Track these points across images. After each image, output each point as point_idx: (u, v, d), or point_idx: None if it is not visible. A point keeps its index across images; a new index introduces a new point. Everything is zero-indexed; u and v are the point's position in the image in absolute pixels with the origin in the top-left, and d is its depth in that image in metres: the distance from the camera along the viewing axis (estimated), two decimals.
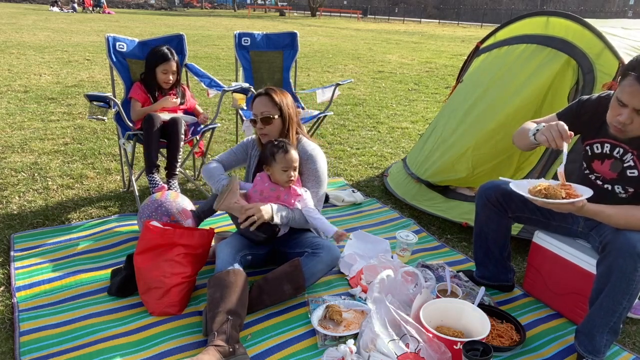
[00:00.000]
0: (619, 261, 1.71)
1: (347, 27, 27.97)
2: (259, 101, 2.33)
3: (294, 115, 2.37)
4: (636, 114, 1.70)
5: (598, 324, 1.83)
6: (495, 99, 3.11)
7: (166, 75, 3.15)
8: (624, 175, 1.89)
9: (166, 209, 2.43)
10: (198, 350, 1.87)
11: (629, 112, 1.71)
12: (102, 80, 7.61)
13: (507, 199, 2.16)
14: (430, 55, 13.68)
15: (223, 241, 2.24)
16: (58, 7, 29.32)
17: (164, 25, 20.87)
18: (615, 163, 1.91)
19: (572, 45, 2.84)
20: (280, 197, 2.27)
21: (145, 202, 2.52)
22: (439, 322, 1.99)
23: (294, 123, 2.37)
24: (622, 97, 1.71)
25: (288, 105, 2.34)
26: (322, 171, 2.36)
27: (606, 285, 1.77)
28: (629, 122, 1.72)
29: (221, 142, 4.71)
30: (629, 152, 1.86)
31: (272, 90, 2.35)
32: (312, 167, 2.33)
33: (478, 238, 2.32)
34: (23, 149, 4.19)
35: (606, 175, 1.95)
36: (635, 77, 1.65)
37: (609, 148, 1.92)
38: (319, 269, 2.22)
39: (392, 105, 6.82)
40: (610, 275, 1.75)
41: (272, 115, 2.30)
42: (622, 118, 1.72)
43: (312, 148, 2.36)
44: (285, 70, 4.10)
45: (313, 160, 2.33)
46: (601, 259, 1.81)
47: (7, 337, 1.94)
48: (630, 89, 1.67)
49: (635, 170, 1.85)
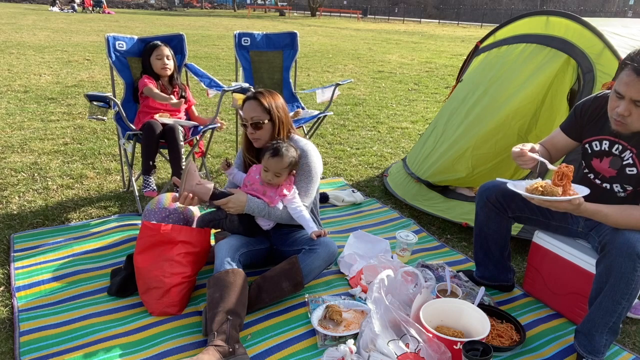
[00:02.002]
0: (618, 261, 1.71)
1: (347, 27, 27.97)
2: (248, 105, 2.29)
3: (285, 117, 2.34)
4: (634, 106, 1.70)
5: (597, 324, 1.83)
6: (495, 98, 3.11)
7: (161, 60, 3.16)
8: (623, 174, 1.89)
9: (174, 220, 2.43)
10: (198, 350, 1.87)
11: (626, 104, 1.71)
12: (102, 80, 7.61)
13: (507, 199, 2.16)
14: (430, 55, 13.68)
15: (221, 241, 2.24)
16: (58, 7, 29.31)
17: (164, 25, 20.87)
18: (615, 160, 1.91)
19: (571, 44, 2.84)
20: (267, 193, 2.27)
21: (153, 208, 2.43)
22: (438, 322, 1.99)
23: (284, 125, 2.34)
24: (619, 88, 1.72)
25: (278, 108, 2.31)
26: (314, 166, 2.34)
27: (605, 285, 1.77)
28: (627, 113, 1.72)
29: (221, 142, 4.71)
30: (627, 149, 1.86)
31: (260, 94, 2.30)
32: (303, 161, 2.31)
33: (478, 238, 2.32)
34: (23, 149, 4.19)
35: (605, 174, 1.96)
36: (633, 68, 1.66)
37: (607, 145, 1.93)
38: (316, 264, 2.22)
39: (392, 105, 6.82)
40: (610, 275, 1.75)
41: (262, 120, 2.27)
42: (620, 109, 1.73)
43: (304, 143, 2.35)
44: (285, 70, 4.10)
45: (305, 154, 2.32)
46: (600, 259, 1.81)
47: (7, 337, 1.94)
48: (627, 79, 1.68)
49: (634, 168, 1.86)
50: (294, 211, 2.28)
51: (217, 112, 3.31)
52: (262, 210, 2.24)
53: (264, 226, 2.35)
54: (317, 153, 2.39)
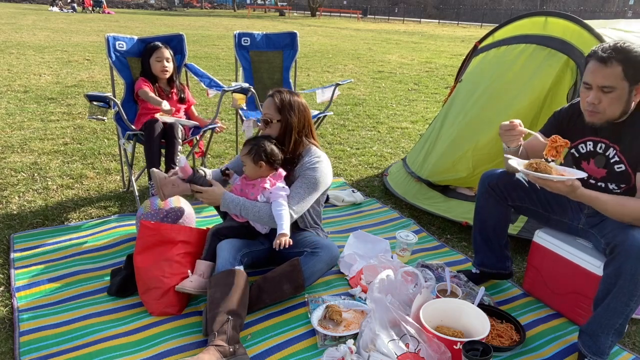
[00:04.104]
0: (628, 263, 1.71)
1: (347, 27, 27.98)
2: (266, 102, 2.31)
3: (298, 124, 2.29)
4: (602, 93, 1.79)
5: (604, 325, 1.82)
6: (495, 99, 3.11)
7: (160, 62, 3.15)
8: (612, 172, 1.93)
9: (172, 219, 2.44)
10: (198, 350, 1.87)
11: (595, 92, 1.81)
12: (102, 80, 7.61)
13: (509, 187, 2.20)
14: (430, 55, 13.68)
15: (223, 241, 2.23)
16: (57, 7, 29.30)
17: (164, 25, 20.87)
18: (599, 158, 1.96)
19: (571, 45, 2.84)
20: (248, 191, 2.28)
21: (148, 211, 2.48)
22: (438, 322, 1.99)
23: (295, 131, 2.28)
24: (586, 79, 1.83)
25: (292, 112, 2.27)
26: (319, 182, 2.27)
27: (614, 287, 1.77)
28: (597, 102, 1.81)
29: (221, 142, 4.71)
30: (610, 147, 1.92)
31: (280, 93, 2.29)
32: (310, 174, 2.26)
33: (477, 224, 2.34)
34: (23, 149, 4.19)
35: (596, 174, 2.00)
36: (596, 58, 1.78)
37: (591, 145, 1.99)
38: (318, 268, 2.22)
39: (392, 105, 6.82)
40: (619, 277, 1.74)
41: (272, 119, 2.28)
42: (590, 99, 1.82)
43: (316, 158, 2.29)
44: (285, 70, 4.10)
45: (314, 169, 2.27)
46: (609, 261, 1.80)
47: (7, 337, 1.94)
48: (592, 68, 1.80)
49: (622, 165, 1.90)
50: (275, 205, 2.18)
51: (217, 112, 3.31)
52: (237, 205, 2.21)
53: (261, 230, 2.34)
54: (327, 170, 2.32)
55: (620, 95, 1.78)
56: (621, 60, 1.73)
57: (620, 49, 1.74)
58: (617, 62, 1.73)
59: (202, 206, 3.21)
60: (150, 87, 3.14)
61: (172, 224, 2.20)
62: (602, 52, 1.76)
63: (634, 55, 1.73)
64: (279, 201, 2.20)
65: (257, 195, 2.24)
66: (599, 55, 1.77)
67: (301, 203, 2.25)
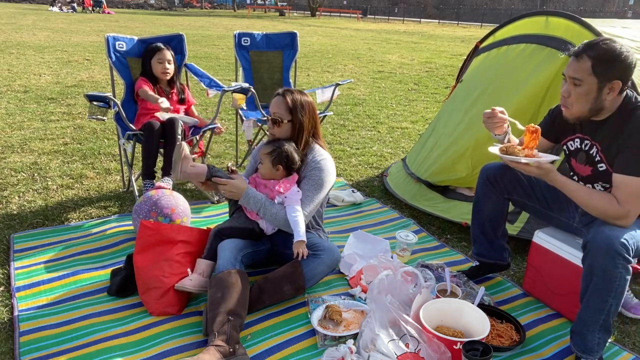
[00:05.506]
0: (598, 259, 1.74)
1: (347, 27, 27.98)
2: (274, 101, 2.29)
3: (308, 124, 2.30)
4: (573, 85, 1.82)
5: (588, 323, 1.84)
6: (495, 98, 3.10)
7: (162, 64, 3.15)
8: (596, 171, 1.96)
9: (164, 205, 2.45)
10: (198, 350, 1.87)
11: (567, 85, 1.85)
12: (102, 80, 7.61)
13: (507, 180, 2.22)
14: (430, 55, 13.68)
15: (225, 241, 2.23)
16: (57, 7, 29.30)
17: (164, 25, 20.87)
18: (581, 155, 2.00)
19: (571, 45, 2.84)
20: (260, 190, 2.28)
21: (140, 202, 2.52)
22: (438, 322, 1.99)
23: (305, 131, 2.29)
24: (563, 71, 1.88)
25: (303, 113, 2.27)
26: (326, 181, 2.30)
27: (590, 283, 1.79)
28: (567, 94, 1.85)
29: (221, 142, 4.71)
30: (594, 146, 1.94)
31: (290, 93, 2.28)
32: (317, 174, 2.28)
33: (475, 214, 2.37)
34: (23, 149, 4.19)
35: (582, 172, 2.02)
36: (573, 52, 1.83)
37: (579, 142, 2.02)
38: (319, 270, 2.22)
39: (391, 105, 6.82)
40: (593, 274, 1.77)
41: (282, 119, 2.27)
42: (562, 90, 1.88)
43: (321, 158, 2.30)
44: (285, 70, 4.10)
45: (320, 169, 2.28)
46: (583, 258, 1.83)
47: (7, 337, 1.94)
48: (569, 61, 1.85)
49: (603, 164, 1.92)
50: (291, 210, 2.21)
51: (217, 112, 3.31)
52: (258, 202, 2.20)
53: (267, 230, 2.34)
54: (332, 169, 2.34)
55: (588, 90, 1.80)
56: (591, 56, 1.76)
57: (593, 45, 1.78)
58: (587, 57, 1.77)
59: (202, 206, 3.22)
60: (151, 87, 3.14)
61: (171, 224, 2.20)
62: (578, 47, 1.82)
63: (604, 53, 1.75)
64: (295, 206, 2.21)
65: (271, 197, 2.25)
66: (575, 50, 1.83)
67: (311, 204, 2.28)
